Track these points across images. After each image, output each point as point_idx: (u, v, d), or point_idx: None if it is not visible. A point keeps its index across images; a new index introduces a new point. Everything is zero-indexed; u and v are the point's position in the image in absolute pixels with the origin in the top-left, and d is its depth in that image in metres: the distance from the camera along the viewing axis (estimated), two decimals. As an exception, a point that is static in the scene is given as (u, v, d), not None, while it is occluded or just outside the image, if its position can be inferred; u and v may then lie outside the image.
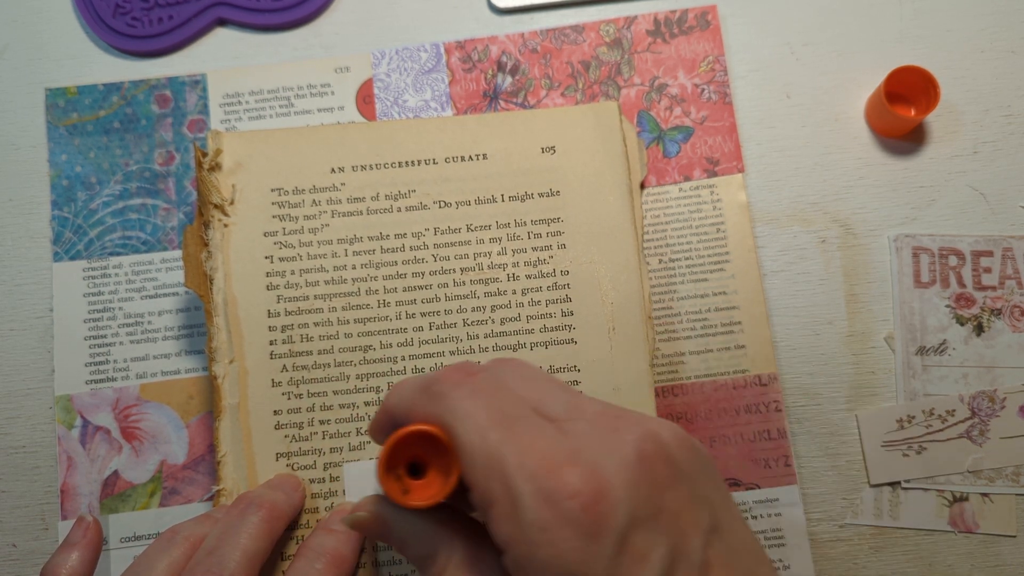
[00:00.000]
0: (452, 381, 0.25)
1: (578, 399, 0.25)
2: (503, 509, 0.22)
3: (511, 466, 0.22)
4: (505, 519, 0.22)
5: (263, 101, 0.42)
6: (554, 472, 0.22)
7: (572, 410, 0.24)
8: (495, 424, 0.23)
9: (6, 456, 0.39)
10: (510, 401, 0.24)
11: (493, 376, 0.26)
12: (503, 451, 0.23)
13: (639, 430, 0.23)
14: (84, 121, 0.42)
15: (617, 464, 0.22)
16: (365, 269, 0.37)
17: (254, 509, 0.32)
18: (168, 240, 0.41)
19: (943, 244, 0.40)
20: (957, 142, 0.42)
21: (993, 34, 0.43)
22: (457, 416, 0.24)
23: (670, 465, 0.23)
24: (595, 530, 0.21)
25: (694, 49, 0.42)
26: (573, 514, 0.21)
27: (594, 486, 0.21)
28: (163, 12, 0.43)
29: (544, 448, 0.22)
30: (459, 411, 0.24)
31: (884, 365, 0.39)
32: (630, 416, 0.24)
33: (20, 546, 0.38)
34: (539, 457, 0.22)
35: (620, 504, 0.21)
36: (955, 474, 0.38)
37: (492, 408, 0.24)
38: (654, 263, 0.40)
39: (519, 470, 0.22)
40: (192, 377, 0.39)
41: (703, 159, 0.41)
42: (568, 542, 0.21)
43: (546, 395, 0.25)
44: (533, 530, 0.21)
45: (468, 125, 0.39)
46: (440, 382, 0.25)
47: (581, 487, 0.21)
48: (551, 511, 0.21)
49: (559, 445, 0.23)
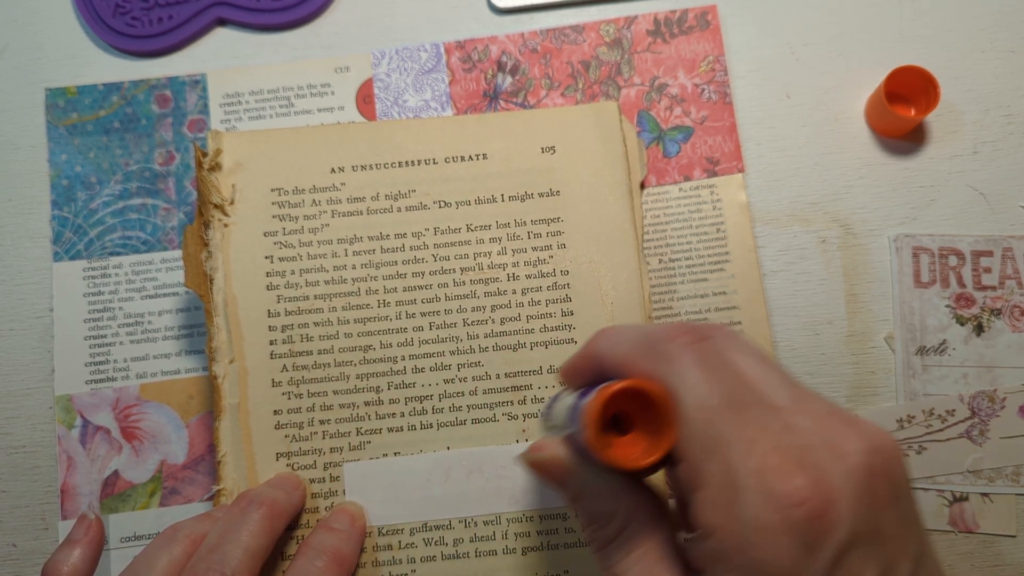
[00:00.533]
0: (681, 343, 0.23)
1: (802, 391, 0.23)
2: (717, 496, 0.21)
3: (735, 456, 0.21)
4: (717, 506, 0.21)
5: (263, 101, 0.42)
6: (783, 474, 0.21)
7: (797, 402, 0.23)
8: (722, 404, 0.22)
9: (6, 456, 0.39)
10: (738, 379, 0.23)
11: (720, 348, 0.24)
12: (728, 437, 0.21)
13: (868, 441, 0.22)
14: (84, 121, 0.42)
15: (845, 476, 0.21)
16: (365, 269, 0.37)
17: (255, 507, 0.32)
18: (168, 240, 0.41)
19: (943, 244, 0.40)
20: (957, 142, 0.42)
21: (993, 34, 0.43)
22: (687, 384, 0.23)
23: (891, 483, 0.22)
24: (816, 542, 0.20)
25: (694, 49, 0.42)
26: (796, 522, 0.20)
27: (822, 496, 0.20)
28: (163, 12, 0.43)
29: (771, 443, 0.21)
30: (689, 379, 0.23)
31: (884, 365, 0.39)
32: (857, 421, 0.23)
33: (20, 546, 0.38)
34: (766, 453, 0.21)
35: (844, 519, 0.20)
36: (955, 474, 0.38)
37: (721, 384, 0.22)
38: (654, 263, 0.40)
39: (744, 463, 0.21)
40: (192, 377, 0.39)
41: (703, 159, 0.41)
42: (785, 549, 0.20)
43: (770, 378, 0.23)
44: (750, 528, 0.21)
45: (468, 125, 0.39)
46: (667, 341, 0.24)
47: (809, 495, 0.20)
48: (774, 513, 0.20)
49: (787, 443, 0.21)
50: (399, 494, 0.36)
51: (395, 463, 0.36)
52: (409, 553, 0.35)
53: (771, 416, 0.22)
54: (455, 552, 0.35)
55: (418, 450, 0.36)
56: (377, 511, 0.35)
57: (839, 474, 0.21)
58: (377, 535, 0.35)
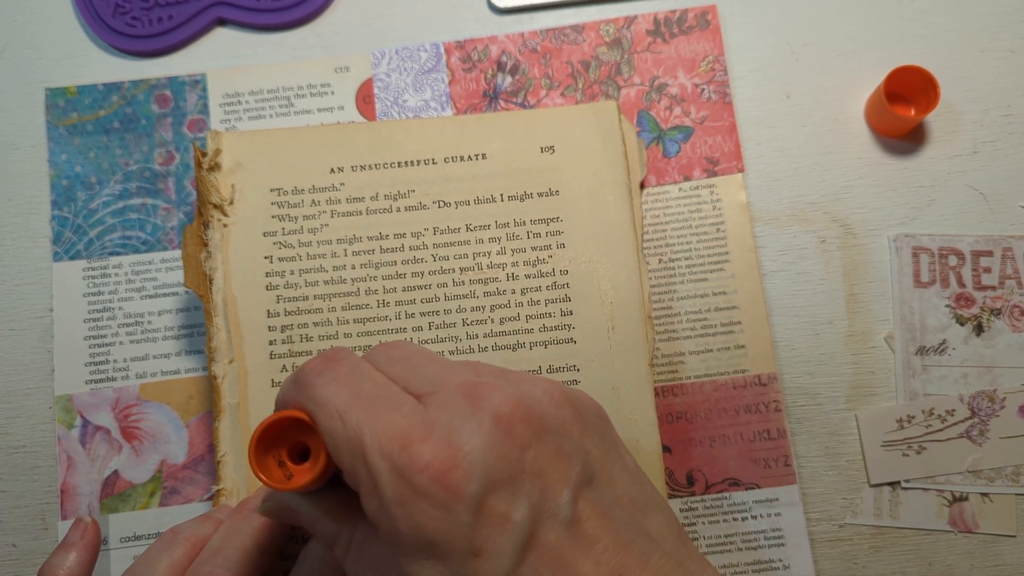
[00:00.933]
0: (314, 370, 0.25)
1: (448, 371, 0.25)
2: (367, 488, 0.23)
3: (368, 445, 0.22)
4: (369, 497, 0.23)
5: (263, 101, 0.42)
6: (407, 448, 0.22)
7: (437, 383, 0.24)
8: (353, 407, 0.23)
9: (6, 456, 0.39)
10: (374, 382, 0.24)
11: (358, 362, 0.26)
12: (361, 431, 0.23)
13: (502, 394, 0.23)
14: (84, 121, 0.42)
15: (471, 431, 0.22)
16: (365, 269, 0.37)
17: (257, 514, 0.32)
18: (168, 240, 0.41)
19: (943, 244, 0.40)
20: (957, 142, 0.42)
21: (993, 34, 0.43)
22: (318, 403, 0.24)
23: (532, 423, 0.23)
24: (449, 499, 0.21)
25: (694, 49, 0.42)
26: (424, 486, 0.21)
27: (445, 456, 0.22)
28: (163, 12, 0.43)
29: (400, 425, 0.23)
30: (319, 398, 0.24)
31: (884, 365, 0.39)
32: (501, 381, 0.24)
33: (20, 546, 0.38)
34: (393, 434, 0.22)
35: (473, 470, 0.22)
36: (955, 474, 0.38)
37: (352, 392, 0.24)
38: (654, 263, 0.40)
39: (375, 448, 0.22)
40: (192, 377, 0.39)
41: (703, 159, 0.41)
42: (425, 514, 0.21)
43: (415, 372, 0.25)
44: (392, 505, 0.22)
45: (468, 125, 0.39)
46: (304, 371, 0.25)
47: (431, 459, 0.22)
48: (404, 486, 0.22)
49: (416, 420, 0.23)
50: (399, 494, 0.36)
51: (395, 463, 0.36)
52: (409, 553, 0.35)
53: (406, 402, 0.23)
54: (455, 552, 0.35)
55: (418, 450, 0.36)
56: (377, 511, 0.35)
57: (466, 432, 0.22)
58: (377, 535, 0.35)
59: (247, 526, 0.32)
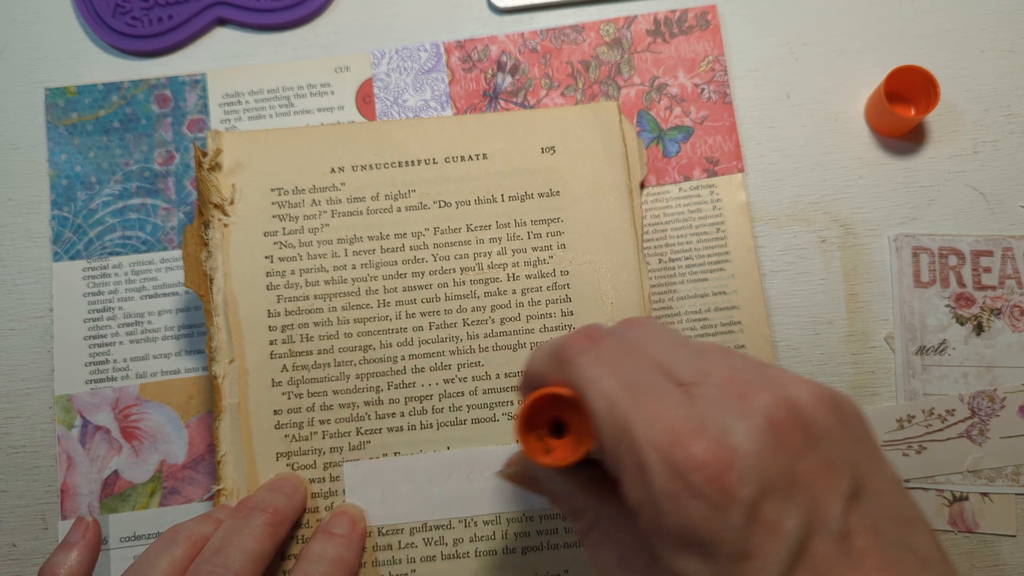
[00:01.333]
0: (578, 347, 0.25)
1: (707, 361, 0.24)
2: (633, 476, 0.22)
3: (639, 435, 0.22)
4: (635, 486, 0.22)
5: (263, 101, 0.42)
6: (680, 443, 0.21)
7: (700, 373, 0.24)
8: (622, 391, 0.23)
9: (6, 456, 0.39)
10: (637, 365, 0.24)
11: (619, 339, 0.25)
12: (630, 419, 0.22)
13: (771, 395, 0.22)
14: (84, 121, 0.42)
15: (745, 433, 0.22)
16: (365, 269, 0.37)
17: (258, 513, 0.32)
18: (168, 240, 0.41)
19: (943, 244, 0.40)
20: (957, 142, 0.42)
21: (993, 34, 0.43)
22: (585, 382, 0.24)
23: (805, 430, 0.22)
24: (723, 501, 0.21)
25: (694, 49, 0.42)
26: (699, 485, 0.21)
27: (720, 457, 0.21)
28: (163, 12, 0.43)
29: (671, 417, 0.22)
30: (586, 378, 0.24)
31: (884, 365, 0.39)
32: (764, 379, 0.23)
33: (20, 546, 0.38)
34: (665, 427, 0.22)
35: (748, 474, 0.21)
36: (955, 474, 0.38)
37: (619, 374, 0.24)
38: (654, 263, 0.40)
39: (646, 440, 0.22)
40: (192, 377, 0.39)
41: (703, 159, 0.41)
42: (697, 512, 0.21)
43: (674, 356, 0.24)
44: (662, 498, 0.21)
45: (468, 125, 0.39)
46: (566, 348, 0.25)
47: (706, 458, 0.21)
48: (678, 482, 0.21)
49: (686, 413, 0.22)
50: (399, 494, 0.36)
51: (395, 463, 0.36)
52: (409, 553, 0.35)
53: (672, 392, 0.23)
54: (455, 552, 0.35)
55: (418, 450, 0.36)
56: (377, 511, 0.35)
57: (740, 432, 0.22)
58: (377, 535, 0.35)
59: (248, 525, 0.32)
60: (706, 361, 0.24)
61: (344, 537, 0.34)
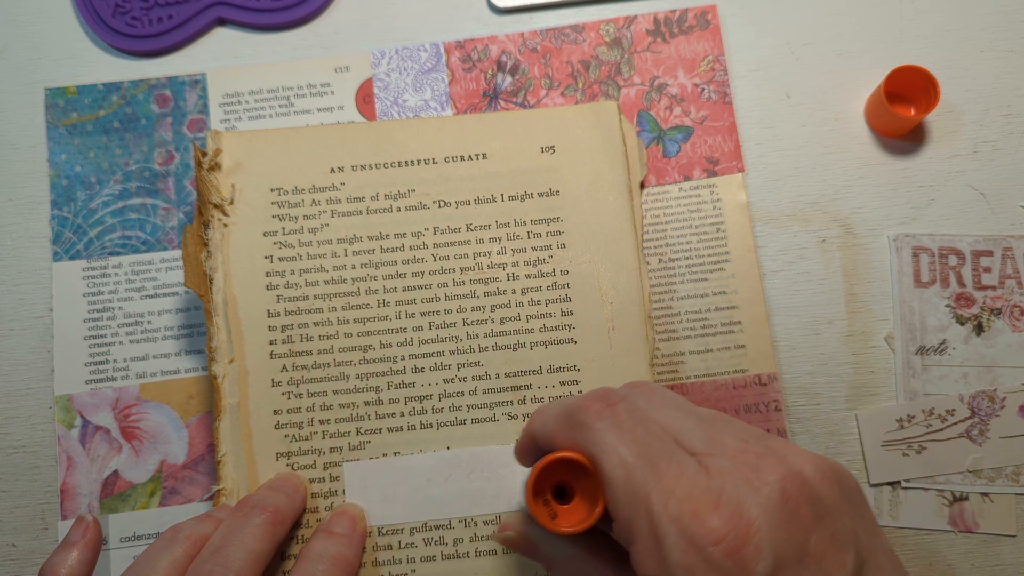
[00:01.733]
0: (594, 411, 0.25)
1: (716, 430, 0.25)
2: (647, 546, 0.23)
3: (656, 506, 0.23)
4: (649, 556, 0.23)
5: (263, 101, 0.42)
6: (698, 516, 0.22)
7: (712, 443, 0.24)
8: (639, 460, 0.24)
9: (6, 456, 0.39)
10: (651, 433, 0.25)
11: (632, 405, 0.26)
12: (648, 489, 0.23)
13: (782, 470, 0.23)
14: (84, 121, 0.42)
15: (760, 507, 0.22)
16: (365, 269, 0.37)
17: (258, 512, 0.32)
18: (168, 240, 0.41)
19: (943, 244, 0.40)
20: (957, 142, 0.42)
21: (993, 34, 0.43)
22: (602, 448, 0.24)
23: (814, 505, 0.23)
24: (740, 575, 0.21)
25: (694, 49, 0.42)
26: (717, 559, 0.21)
27: (738, 531, 0.22)
28: (163, 12, 0.43)
29: (687, 488, 0.23)
30: (603, 444, 0.24)
31: (884, 365, 0.39)
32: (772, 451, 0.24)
33: (20, 546, 0.38)
34: (683, 499, 0.22)
35: (764, 549, 0.22)
36: (955, 474, 0.38)
37: (635, 442, 0.24)
38: (654, 263, 0.40)
39: (664, 511, 0.22)
40: (192, 377, 0.39)
41: (703, 159, 0.41)
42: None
43: (685, 425, 0.25)
44: (678, 571, 0.22)
45: (468, 125, 0.39)
46: (582, 411, 0.26)
47: (725, 532, 0.22)
48: (696, 555, 0.22)
49: (702, 485, 0.23)
50: (399, 494, 0.36)
51: (395, 463, 0.36)
52: (409, 553, 0.35)
53: (687, 462, 0.23)
54: (455, 552, 0.35)
55: (418, 450, 0.36)
56: (377, 511, 0.35)
57: (755, 506, 0.22)
58: (377, 535, 0.35)
59: (248, 524, 0.32)
60: (715, 430, 0.25)
61: (344, 536, 0.33)
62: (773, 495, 0.22)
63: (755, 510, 0.22)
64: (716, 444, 0.24)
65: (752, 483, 0.23)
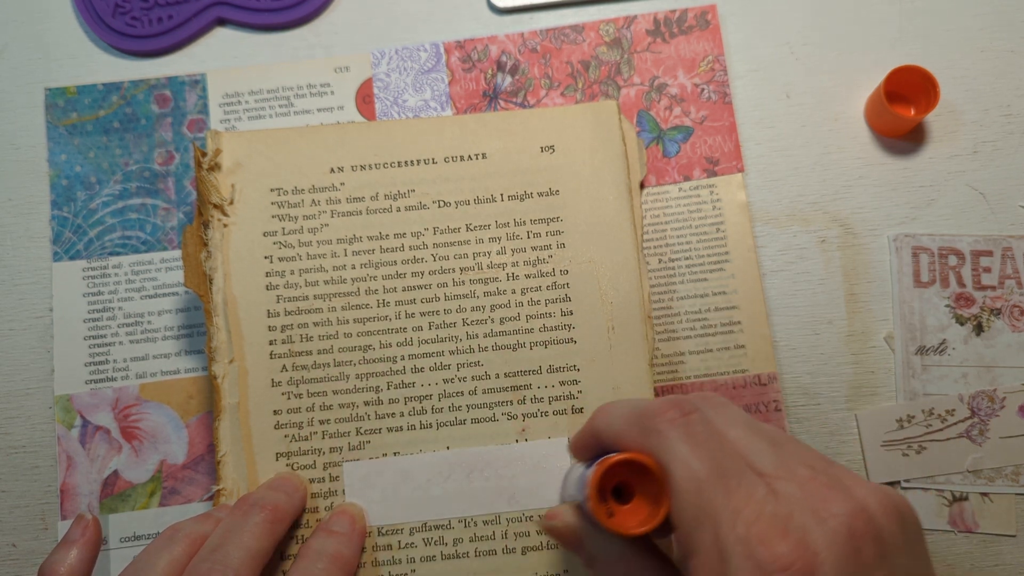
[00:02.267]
0: (668, 418, 0.25)
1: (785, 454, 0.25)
2: (709, 562, 0.23)
3: (724, 525, 0.23)
4: (711, 572, 0.23)
5: (263, 101, 0.42)
6: (766, 541, 0.22)
7: (781, 467, 0.24)
8: (710, 475, 0.24)
9: (6, 456, 0.39)
10: (723, 450, 0.25)
11: (706, 418, 0.26)
12: (716, 506, 0.23)
13: (849, 505, 0.23)
14: (84, 121, 0.42)
15: (827, 540, 0.22)
16: (364, 269, 0.37)
17: (257, 510, 0.32)
18: (168, 240, 0.41)
19: (943, 244, 0.40)
20: (957, 142, 0.42)
21: (993, 34, 0.43)
22: (674, 458, 0.24)
23: (878, 543, 0.23)
24: None
25: (694, 49, 0.42)
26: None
27: (804, 560, 0.22)
28: (163, 12, 0.43)
29: (756, 511, 0.23)
30: (676, 453, 0.24)
31: (884, 365, 0.39)
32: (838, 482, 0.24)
33: (20, 546, 0.38)
34: (751, 521, 0.22)
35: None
36: (955, 474, 0.38)
37: (708, 457, 0.24)
38: (654, 263, 0.40)
39: (731, 531, 0.22)
40: (192, 377, 0.39)
41: (703, 159, 0.41)
42: None
43: (756, 445, 0.25)
44: None
45: (467, 125, 0.39)
46: (655, 417, 0.26)
47: (792, 560, 0.22)
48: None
49: (770, 510, 0.23)
50: (399, 494, 0.36)
51: (395, 463, 0.36)
52: (409, 553, 0.35)
53: (756, 484, 0.23)
54: (455, 552, 0.35)
55: (418, 450, 0.36)
56: (377, 511, 0.35)
57: (822, 538, 0.22)
58: (377, 535, 0.35)
59: (247, 523, 0.32)
60: (784, 453, 0.25)
61: (343, 535, 0.33)
62: (840, 529, 0.22)
63: (821, 541, 0.22)
64: (785, 468, 0.24)
65: (819, 513, 0.22)
